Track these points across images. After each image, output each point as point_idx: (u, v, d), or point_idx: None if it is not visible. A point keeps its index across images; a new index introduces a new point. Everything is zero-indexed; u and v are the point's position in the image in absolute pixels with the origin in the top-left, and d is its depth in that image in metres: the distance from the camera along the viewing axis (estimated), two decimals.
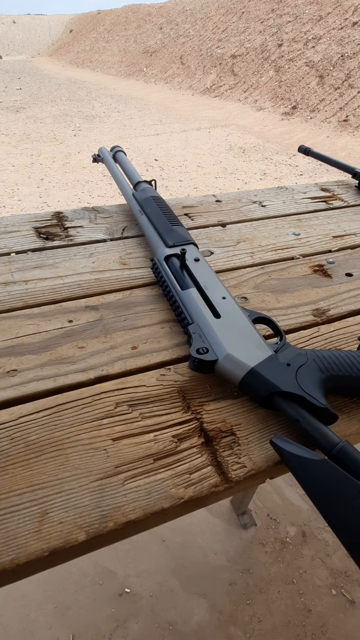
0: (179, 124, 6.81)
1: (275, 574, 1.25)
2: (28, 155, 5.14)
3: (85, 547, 0.29)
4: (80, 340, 0.44)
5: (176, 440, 0.35)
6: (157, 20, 14.22)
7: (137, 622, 1.14)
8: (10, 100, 9.22)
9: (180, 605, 1.18)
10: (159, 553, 1.29)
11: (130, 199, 0.67)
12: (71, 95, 9.85)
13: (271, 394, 0.35)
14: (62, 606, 1.16)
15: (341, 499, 0.28)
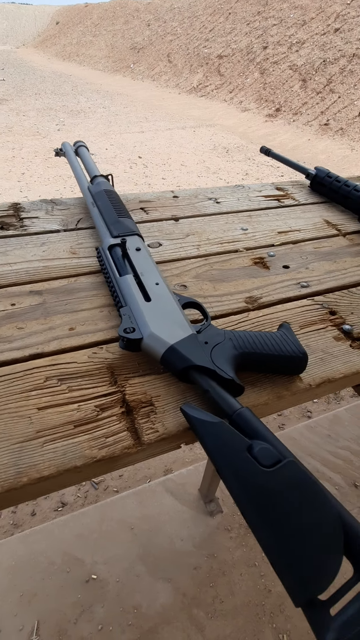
0: (165, 122, 6.82)
1: (238, 558, 1.31)
2: (9, 148, 5.06)
3: (2, 499, 0.32)
4: (20, 322, 0.47)
5: (98, 410, 0.38)
6: (144, 16, 14.15)
7: (103, 607, 1.17)
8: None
9: (146, 589, 1.22)
10: (127, 540, 1.33)
11: (85, 192, 0.70)
12: (56, 89, 9.72)
13: (187, 368, 0.39)
14: (28, 594, 1.18)
15: (231, 454, 0.32)
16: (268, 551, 0.28)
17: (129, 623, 1.15)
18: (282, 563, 0.27)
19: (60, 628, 1.12)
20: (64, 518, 1.35)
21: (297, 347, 0.42)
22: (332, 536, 0.28)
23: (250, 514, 0.29)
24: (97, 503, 1.42)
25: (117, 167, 4.64)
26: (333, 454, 1.65)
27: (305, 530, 0.28)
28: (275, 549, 0.28)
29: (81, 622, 1.14)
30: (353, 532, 0.29)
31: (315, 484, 0.30)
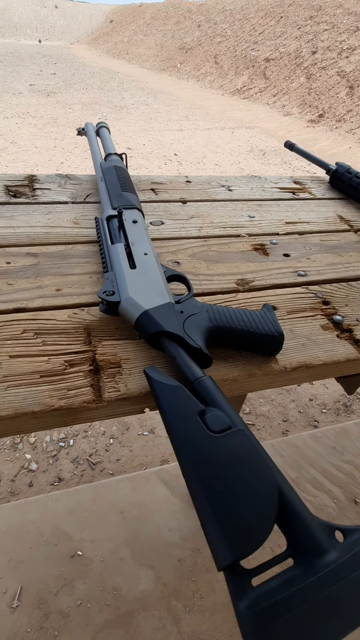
0: (204, 121, 6.83)
1: None
2: (52, 138, 5.24)
3: None
4: (11, 279, 0.49)
5: (67, 365, 0.39)
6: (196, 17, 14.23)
7: (84, 584, 1.19)
8: (43, 84, 9.39)
9: (128, 573, 1.23)
10: (116, 523, 1.34)
11: (96, 167, 0.71)
12: (103, 85, 9.96)
13: (157, 333, 0.39)
14: (15, 560, 1.22)
15: (183, 417, 0.32)
16: (200, 511, 0.28)
17: (107, 603, 1.16)
18: (211, 524, 0.27)
19: (41, 597, 1.15)
20: (58, 492, 1.38)
21: (274, 327, 0.41)
22: (264, 505, 0.27)
23: (190, 473, 0.29)
24: (92, 483, 1.45)
25: (152, 162, 4.70)
26: (336, 466, 1.59)
27: (239, 496, 0.27)
28: (206, 510, 0.27)
29: (61, 595, 1.16)
30: (291, 508, 0.28)
31: (260, 454, 0.29)
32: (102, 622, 1.12)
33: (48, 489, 1.45)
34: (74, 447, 1.58)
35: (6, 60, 13.53)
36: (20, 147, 4.78)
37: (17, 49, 18.55)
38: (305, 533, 0.27)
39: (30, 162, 4.35)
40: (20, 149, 4.72)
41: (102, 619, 1.13)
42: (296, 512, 0.28)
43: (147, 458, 1.59)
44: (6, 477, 1.45)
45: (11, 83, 9.24)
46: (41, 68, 12.09)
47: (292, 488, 0.29)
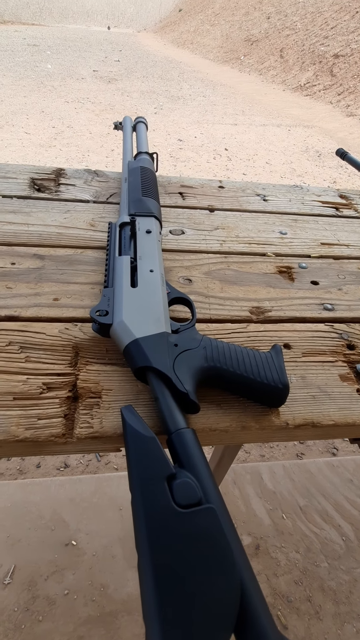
0: (261, 117, 6.60)
1: None
2: (107, 125, 5.30)
3: None
4: (12, 282, 0.47)
5: (44, 388, 0.36)
6: (266, 9, 13.71)
7: (74, 574, 1.20)
8: (106, 71, 9.53)
9: (118, 572, 1.22)
10: (113, 520, 1.34)
11: (124, 166, 0.68)
12: (163, 74, 9.92)
13: (144, 367, 0.35)
14: (13, 537, 1.26)
15: (149, 477, 0.28)
16: (144, 598, 0.24)
17: (93, 599, 1.16)
18: (153, 620, 0.23)
19: (31, 579, 1.17)
20: (63, 478, 1.40)
21: (278, 375, 0.35)
22: (223, 608, 0.22)
23: (142, 548, 0.25)
24: (96, 474, 1.46)
25: (201, 156, 4.62)
26: (350, 501, 1.48)
27: (194, 591, 0.23)
28: (151, 601, 0.23)
29: (51, 581, 1.18)
30: (251, 613, 0.23)
31: (227, 545, 0.24)
32: (86, 616, 1.13)
33: (53, 473, 1.48)
34: None
35: (75, 46, 13.87)
36: (76, 131, 4.88)
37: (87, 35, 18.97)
38: None
39: (83, 147, 4.43)
40: (76, 133, 4.82)
41: (86, 613, 1.13)
42: (257, 623, 0.23)
43: None
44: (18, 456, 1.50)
45: (76, 68, 9.46)
46: (106, 55, 12.28)
47: (259, 589, 0.24)
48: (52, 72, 8.71)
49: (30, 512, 1.32)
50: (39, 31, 19.03)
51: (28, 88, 6.91)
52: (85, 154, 4.28)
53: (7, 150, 4.04)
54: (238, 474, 1.53)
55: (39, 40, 14.91)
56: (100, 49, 13.85)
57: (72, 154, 4.19)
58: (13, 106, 5.66)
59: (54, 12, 24.83)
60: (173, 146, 4.83)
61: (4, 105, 5.64)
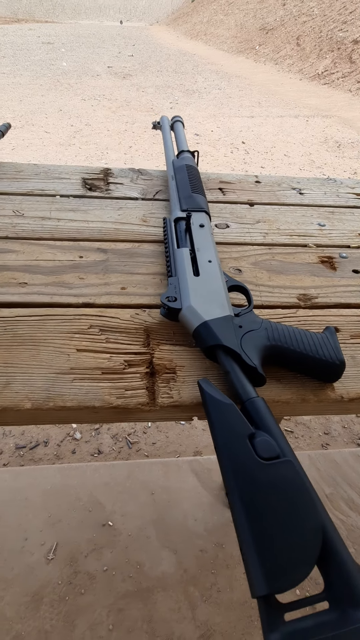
0: (278, 108, 6.50)
1: None
2: (123, 122, 5.35)
3: (28, 415, 0.37)
4: (83, 273, 0.52)
5: (126, 365, 0.41)
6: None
7: (112, 552, 1.27)
8: (120, 66, 9.55)
9: (152, 552, 1.29)
10: (145, 503, 1.41)
11: (168, 164, 0.72)
12: (178, 67, 9.87)
13: (214, 346, 0.40)
14: (54, 517, 1.34)
15: (232, 437, 0.32)
16: (240, 535, 0.29)
17: (130, 575, 1.23)
18: (250, 551, 0.27)
19: (72, 556, 1.25)
20: (97, 464, 1.48)
21: (335, 353, 0.40)
22: (307, 544, 0.27)
23: (234, 496, 0.30)
24: (128, 460, 1.53)
25: (219, 150, 4.61)
26: None
27: (282, 529, 0.27)
28: (248, 536, 0.28)
29: (90, 558, 1.26)
30: (333, 551, 0.27)
31: (308, 491, 0.29)
32: (124, 591, 1.20)
33: (88, 459, 1.56)
34: (115, 424, 1.67)
35: (88, 42, 13.93)
36: (94, 129, 4.95)
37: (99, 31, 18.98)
38: (345, 580, 0.27)
39: (102, 144, 4.50)
40: (94, 131, 4.89)
41: (124, 588, 1.20)
42: (338, 556, 0.27)
43: (182, 447, 1.63)
44: (54, 441, 1.59)
45: (91, 65, 9.52)
46: (120, 50, 12.28)
47: (336, 530, 0.29)
48: (68, 69, 8.80)
49: (69, 494, 1.40)
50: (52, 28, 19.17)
51: (45, 87, 7.01)
52: (104, 151, 4.34)
53: (29, 150, 4.14)
54: None
55: (53, 37, 15.04)
56: (113, 44, 13.86)
57: (91, 152, 4.26)
58: (32, 105, 5.77)
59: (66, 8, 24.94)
60: (190, 141, 4.83)
61: (23, 105, 5.75)
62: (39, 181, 0.72)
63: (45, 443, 1.58)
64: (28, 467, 1.47)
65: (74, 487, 1.42)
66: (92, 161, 4.06)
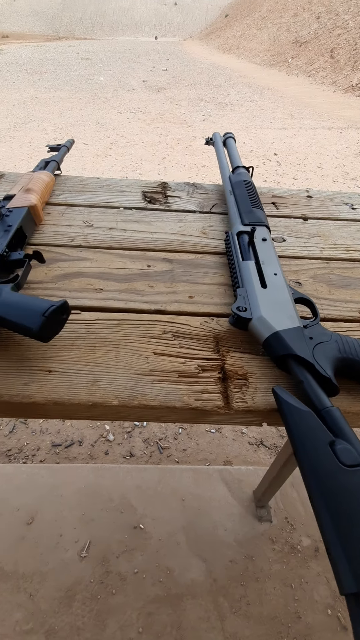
0: (311, 120, 6.48)
1: (276, 572, 1.28)
2: (157, 134, 5.51)
3: (114, 411, 0.40)
4: (152, 281, 0.56)
5: (200, 369, 0.44)
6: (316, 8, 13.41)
7: (142, 555, 1.29)
8: (154, 80, 9.85)
9: (182, 558, 1.30)
10: (176, 509, 1.42)
11: (225, 180, 0.76)
12: (210, 81, 10.06)
13: (286, 355, 0.42)
14: (87, 516, 1.37)
15: (313, 445, 0.34)
16: (326, 537, 0.30)
17: (160, 579, 1.24)
18: (338, 552, 0.29)
19: (104, 556, 1.28)
20: (129, 466, 1.51)
21: None
22: None
23: (318, 501, 0.31)
24: (159, 465, 1.55)
25: (251, 161, 4.64)
26: None
27: None
28: (335, 539, 0.29)
29: (122, 559, 1.28)
30: None
31: None
32: (154, 595, 1.21)
33: (120, 461, 1.59)
34: (147, 429, 1.70)
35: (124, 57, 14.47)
36: (129, 141, 5.12)
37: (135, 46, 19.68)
38: None
39: (136, 156, 4.64)
40: (129, 142, 5.05)
41: (154, 592, 1.22)
42: None
43: (212, 455, 1.64)
44: (88, 441, 1.63)
45: (126, 79, 9.88)
46: (154, 64, 12.66)
47: None
48: (105, 84, 9.16)
49: (101, 494, 1.44)
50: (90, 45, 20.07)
51: (83, 100, 7.33)
52: (139, 162, 4.48)
53: (69, 161, 4.33)
54: (295, 477, 1.55)
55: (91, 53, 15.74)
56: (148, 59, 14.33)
57: (126, 163, 4.41)
58: (71, 118, 6.05)
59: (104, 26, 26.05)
60: None
61: (63, 118, 6.04)
62: (103, 194, 0.77)
63: (79, 442, 1.63)
64: (63, 465, 1.52)
65: (107, 488, 1.45)
66: (127, 172, 4.19)
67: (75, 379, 0.41)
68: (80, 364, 0.43)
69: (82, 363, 0.43)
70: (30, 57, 13.69)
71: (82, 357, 0.44)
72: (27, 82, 8.80)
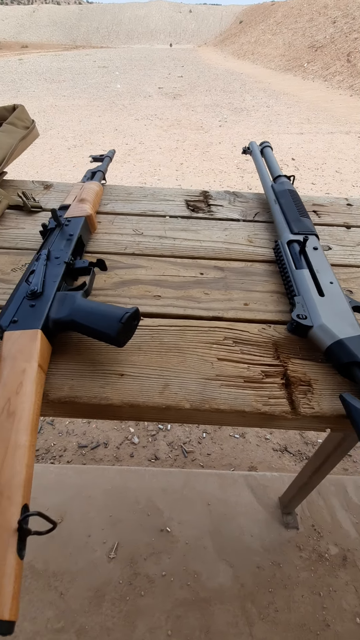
0: (328, 125, 6.45)
1: (303, 580, 1.27)
2: (175, 140, 5.57)
3: (185, 414, 0.42)
4: (207, 289, 0.57)
5: (263, 375, 0.45)
6: (332, 13, 13.38)
7: (169, 559, 1.30)
8: (170, 87, 9.97)
9: (209, 562, 1.30)
10: (202, 513, 1.42)
11: (268, 189, 0.77)
12: (226, 87, 10.12)
13: (351, 363, 0.43)
14: (115, 517, 1.39)
15: None
16: None
17: (188, 583, 1.25)
18: None
19: (132, 557, 1.29)
20: (155, 469, 1.52)
21: None
22: None
23: None
24: (184, 469, 1.56)
25: None
26: None
27: None
28: None
29: (149, 562, 1.29)
30: None
31: None
32: (182, 598, 1.22)
33: (145, 464, 1.61)
34: (171, 432, 1.72)
35: (140, 65, 14.69)
36: (147, 147, 5.19)
37: (150, 54, 19.96)
38: None
39: (154, 161, 4.70)
40: (147, 149, 5.12)
41: (182, 595, 1.22)
42: None
43: (236, 460, 1.64)
44: (113, 443, 1.66)
45: (142, 86, 10.03)
46: (169, 71, 12.82)
47: None
48: (121, 91, 9.32)
49: (128, 496, 1.45)
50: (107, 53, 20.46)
51: (101, 108, 7.47)
52: (157, 168, 4.54)
53: (89, 167, 4.42)
54: (322, 485, 1.54)
55: (107, 62, 16.04)
56: (163, 66, 14.52)
57: (144, 169, 4.47)
58: (90, 125, 6.17)
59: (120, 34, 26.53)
60: (239, 158, 4.92)
61: (82, 125, 6.17)
62: (148, 203, 0.79)
63: (105, 444, 1.66)
64: (90, 466, 1.54)
65: (133, 490, 1.47)
66: (146, 177, 4.25)
67: (146, 382, 0.43)
68: (149, 368, 0.45)
69: (150, 367, 0.45)
70: (48, 66, 14.05)
71: (150, 362, 0.45)
72: (47, 91, 9.02)
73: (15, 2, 64.13)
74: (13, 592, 0.24)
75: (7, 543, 0.26)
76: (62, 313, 0.44)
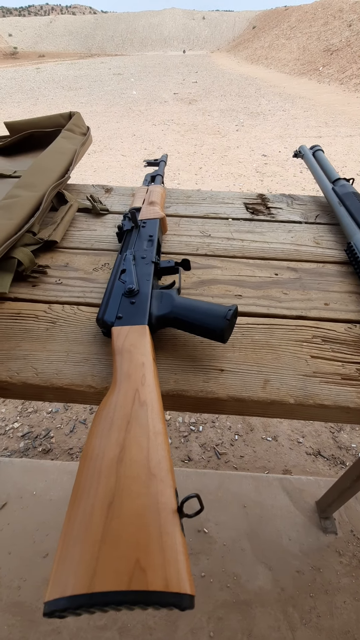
0: (346, 128, 6.42)
1: (345, 585, 1.25)
2: (192, 144, 5.61)
3: (289, 409, 0.43)
4: (284, 289, 0.58)
5: (358, 373, 0.46)
6: (347, 16, 13.35)
7: (208, 560, 1.30)
8: (185, 93, 10.06)
9: (247, 565, 1.30)
10: (238, 515, 1.42)
11: (329, 192, 0.78)
12: (240, 91, 10.17)
13: None
14: None
15: None
16: None
17: (228, 585, 1.25)
18: None
19: None
20: (189, 470, 1.53)
21: None
22: None
23: None
24: (218, 471, 1.56)
25: (287, 170, 4.65)
26: None
27: None
28: None
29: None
30: None
31: None
32: (222, 600, 1.22)
33: (179, 464, 1.62)
34: (203, 434, 1.72)
35: (155, 71, 14.88)
36: (165, 152, 5.24)
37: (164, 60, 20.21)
38: None
39: (174, 166, 4.75)
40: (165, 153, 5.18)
41: (222, 597, 1.22)
42: None
43: (270, 463, 1.63)
44: None
45: (158, 92, 10.15)
46: (184, 77, 12.94)
47: None
48: (137, 97, 9.45)
49: None
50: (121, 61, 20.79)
51: (118, 114, 7.59)
52: (176, 172, 4.58)
53: (109, 172, 4.49)
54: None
55: (122, 69, 16.29)
56: (177, 72, 14.67)
57: (165, 172, 4.51)
58: (108, 131, 6.27)
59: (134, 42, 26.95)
60: (258, 162, 4.94)
61: (100, 131, 6.27)
62: (208, 205, 0.81)
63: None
64: None
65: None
66: (166, 182, 4.29)
67: (247, 378, 0.44)
68: (247, 364, 0.46)
69: (247, 363, 0.46)
70: (65, 74, 14.34)
71: (246, 358, 0.47)
72: (64, 98, 9.21)
73: (32, 14, 66.17)
74: (187, 568, 0.25)
75: (173, 523, 0.27)
76: (164, 310, 0.46)
